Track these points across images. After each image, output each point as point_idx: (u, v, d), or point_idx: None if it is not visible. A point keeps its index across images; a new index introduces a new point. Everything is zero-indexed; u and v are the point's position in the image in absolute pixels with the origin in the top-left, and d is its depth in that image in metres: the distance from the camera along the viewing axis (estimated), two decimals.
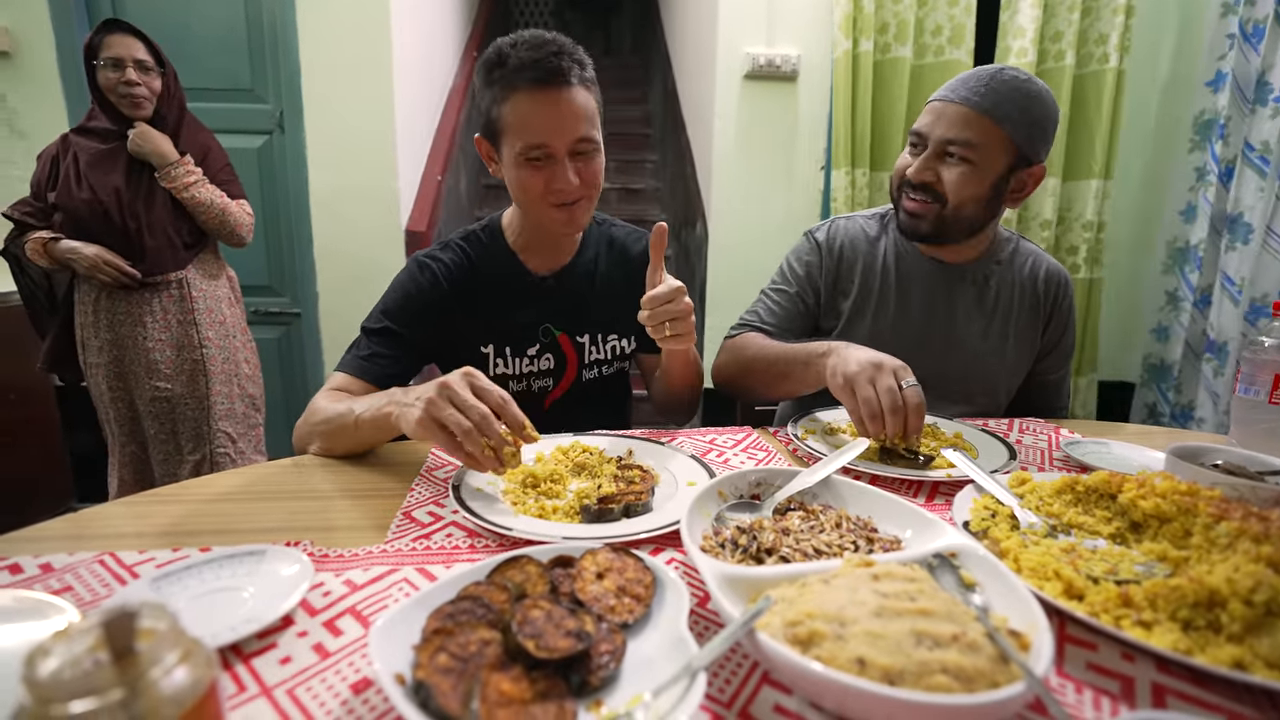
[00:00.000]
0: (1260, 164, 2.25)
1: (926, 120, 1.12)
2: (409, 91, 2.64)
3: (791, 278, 1.29)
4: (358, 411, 0.85)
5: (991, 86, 1.05)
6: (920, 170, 1.11)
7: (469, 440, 0.71)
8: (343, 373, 1.00)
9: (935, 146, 1.10)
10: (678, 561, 0.62)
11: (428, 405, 0.72)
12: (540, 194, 0.99)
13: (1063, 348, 1.29)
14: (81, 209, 1.72)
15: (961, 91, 1.08)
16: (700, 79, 2.77)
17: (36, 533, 0.66)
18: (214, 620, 0.49)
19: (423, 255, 1.10)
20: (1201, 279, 2.44)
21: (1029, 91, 1.06)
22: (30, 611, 0.49)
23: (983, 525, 0.66)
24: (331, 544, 0.64)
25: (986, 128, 1.06)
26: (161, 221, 1.79)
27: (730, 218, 2.53)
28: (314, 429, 0.91)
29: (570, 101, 0.95)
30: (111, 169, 1.74)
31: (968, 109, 1.06)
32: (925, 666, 0.39)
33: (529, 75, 0.92)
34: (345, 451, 0.90)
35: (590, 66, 0.99)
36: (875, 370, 0.89)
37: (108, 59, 1.69)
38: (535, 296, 1.12)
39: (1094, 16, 2.35)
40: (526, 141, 0.95)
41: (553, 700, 0.39)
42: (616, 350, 1.19)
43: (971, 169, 1.08)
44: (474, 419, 0.71)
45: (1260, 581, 0.48)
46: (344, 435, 0.88)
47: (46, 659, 0.29)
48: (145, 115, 1.75)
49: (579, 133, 0.96)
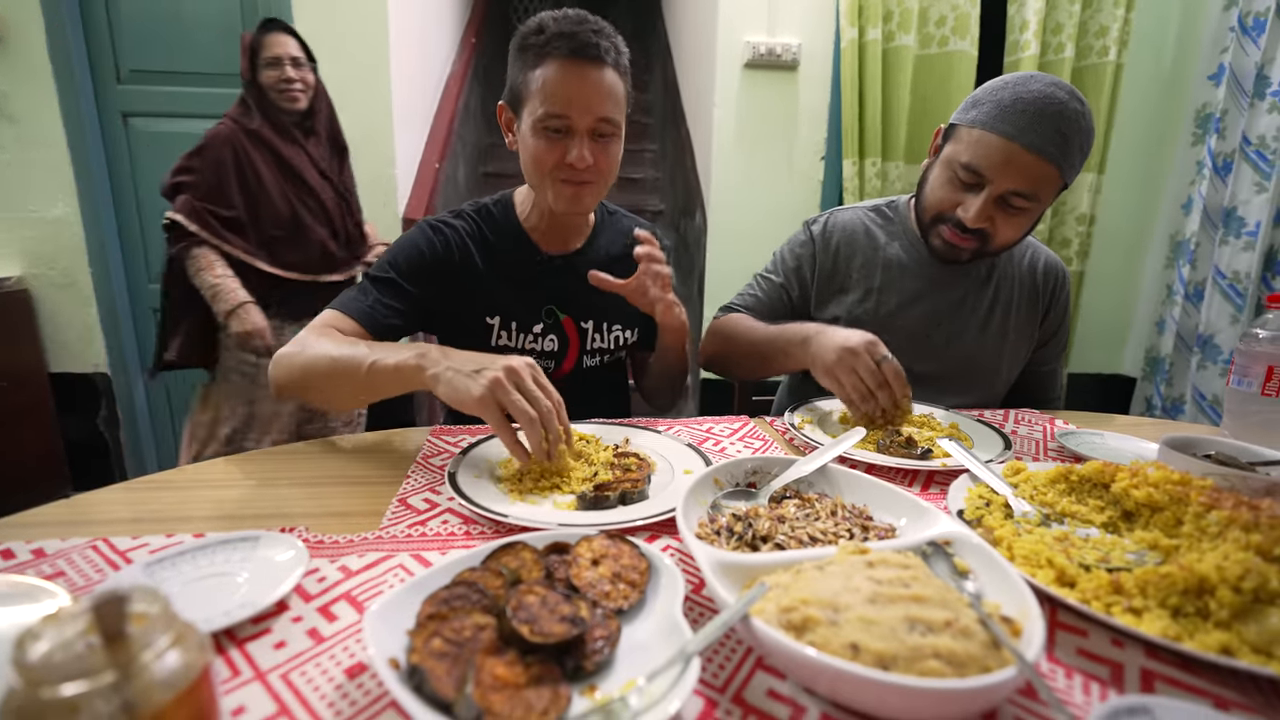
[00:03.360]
0: (1257, 159, 2.24)
1: (989, 161, 1.00)
2: (406, 78, 2.61)
3: (781, 268, 1.30)
4: (374, 357, 0.81)
5: (1065, 134, 0.97)
6: (979, 218, 1.03)
7: (532, 429, 0.71)
8: (338, 312, 0.96)
9: (997, 193, 1.01)
10: (673, 548, 0.62)
11: (493, 385, 0.72)
12: (552, 167, 0.98)
13: (1058, 339, 1.29)
14: (286, 221, 1.80)
15: (1033, 136, 0.97)
16: (700, 68, 2.76)
17: (30, 518, 0.66)
18: (208, 605, 0.49)
19: (435, 220, 1.09)
20: (1194, 273, 2.44)
21: (1089, 130, 0.99)
22: (22, 596, 0.48)
23: (977, 514, 0.66)
24: (327, 530, 0.64)
25: (1053, 178, 1.00)
26: (345, 223, 1.92)
27: (730, 208, 2.52)
28: (308, 366, 0.86)
29: (599, 79, 0.94)
30: (301, 176, 1.83)
31: (1043, 161, 0.97)
32: (918, 652, 0.39)
33: (564, 45, 0.92)
34: (341, 400, 0.86)
35: (626, 56, 0.99)
36: (851, 356, 0.94)
37: (268, 58, 1.76)
38: (543, 276, 1.12)
39: (1094, 9, 2.34)
40: (548, 109, 0.94)
41: (547, 685, 0.40)
42: (619, 340, 1.19)
43: (1026, 215, 1.04)
44: (541, 411, 0.72)
45: (1249, 569, 0.48)
46: (349, 381, 0.83)
47: (37, 642, 0.29)
48: (302, 108, 1.83)
49: (602, 111, 0.95)
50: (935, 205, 1.10)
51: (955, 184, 1.06)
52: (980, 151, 1.01)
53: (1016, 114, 0.98)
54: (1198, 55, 2.42)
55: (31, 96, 2.26)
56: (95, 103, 2.37)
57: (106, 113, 2.39)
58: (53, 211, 2.33)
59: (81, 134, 2.31)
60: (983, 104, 1.02)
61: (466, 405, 0.73)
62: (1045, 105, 0.97)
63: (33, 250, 2.36)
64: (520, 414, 0.71)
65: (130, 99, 2.39)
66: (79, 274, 2.38)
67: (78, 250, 2.37)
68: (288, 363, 0.89)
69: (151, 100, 2.40)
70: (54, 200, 2.32)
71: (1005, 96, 1.00)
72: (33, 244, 2.35)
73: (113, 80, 2.37)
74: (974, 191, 1.04)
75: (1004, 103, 0.99)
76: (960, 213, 1.05)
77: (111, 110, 2.39)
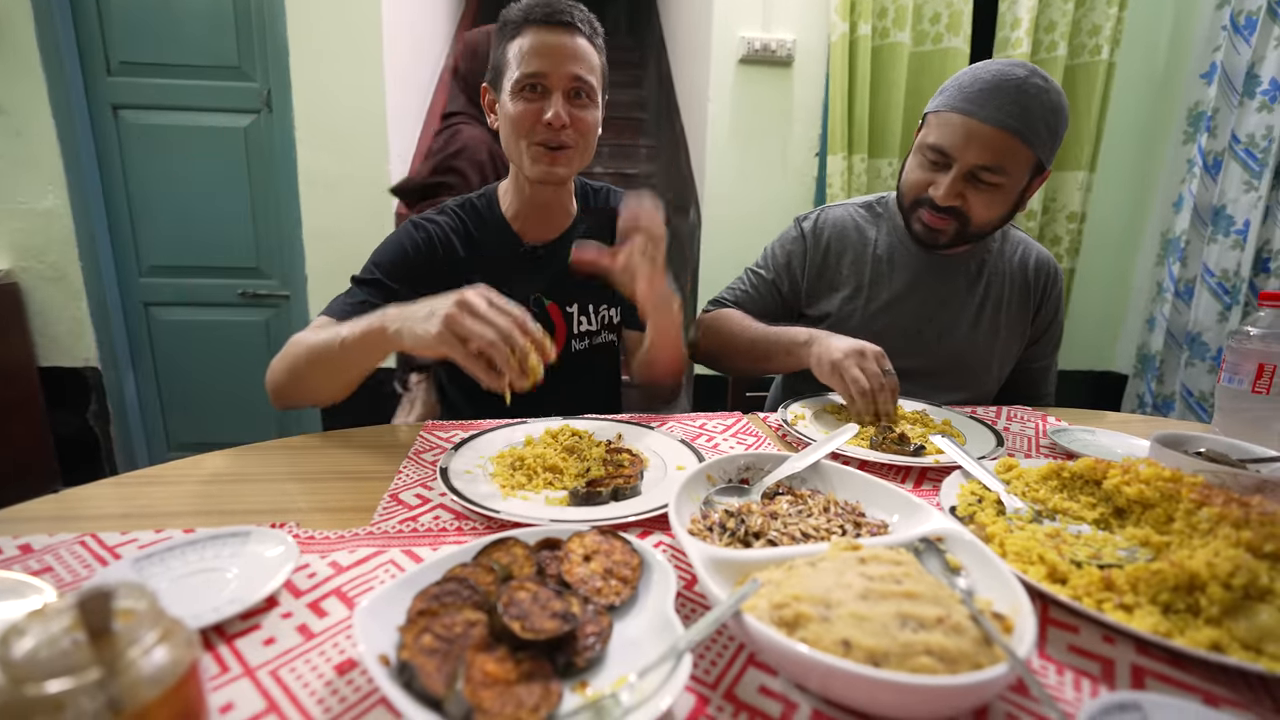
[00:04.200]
0: (1246, 157, 2.26)
1: (953, 139, 1.04)
2: (400, 71, 2.59)
3: (771, 264, 1.31)
4: (344, 333, 0.82)
5: (1023, 105, 0.99)
6: (949, 195, 1.06)
7: (495, 351, 0.70)
8: (324, 316, 0.97)
9: (964, 169, 1.04)
10: (665, 545, 0.62)
11: (446, 319, 0.71)
12: (529, 128, 0.99)
13: (1050, 336, 1.30)
14: None
15: (991, 110, 1.00)
16: (695, 63, 2.75)
17: (18, 513, 0.65)
18: (197, 601, 0.49)
19: (419, 217, 1.09)
20: (1185, 271, 2.45)
21: (1055, 105, 1.01)
22: (8, 592, 0.48)
23: (969, 510, 0.66)
24: (317, 526, 0.63)
25: (1017, 150, 1.02)
26: None
27: (724, 203, 2.51)
28: (294, 362, 0.88)
29: (573, 43, 0.98)
30: None
31: (1001, 132, 1.00)
32: (909, 648, 0.39)
33: (538, 14, 0.97)
34: (326, 386, 0.86)
35: (601, 35, 1.03)
36: (859, 356, 0.97)
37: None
38: (527, 267, 1.12)
39: (1087, 7, 2.35)
40: (524, 70, 0.97)
41: (538, 681, 0.39)
42: (605, 319, 1.19)
43: (999, 192, 1.06)
44: (501, 330, 0.71)
45: (1239, 566, 0.48)
46: (327, 363, 0.85)
47: (22, 639, 0.29)
48: None
49: (577, 70, 0.98)
50: (911, 189, 1.15)
51: (926, 166, 1.10)
52: (944, 131, 1.06)
53: (975, 92, 1.03)
54: (1190, 54, 2.43)
55: (21, 88, 2.23)
56: (85, 95, 2.34)
57: (96, 105, 2.36)
58: (42, 204, 2.30)
59: (71, 126, 2.29)
60: (947, 90, 1.08)
61: (430, 348, 0.73)
62: (1002, 81, 1.01)
63: (22, 243, 2.33)
64: (479, 339, 0.70)
65: (120, 91, 2.36)
66: (69, 267, 2.36)
67: (67, 243, 2.34)
68: (278, 367, 0.91)
69: (142, 92, 2.37)
70: (43, 193, 2.30)
71: (965, 79, 1.06)
72: (22, 237, 2.33)
73: (103, 72, 2.34)
74: (943, 171, 1.08)
75: (964, 84, 1.05)
76: (931, 191, 1.09)
77: (101, 102, 2.36)
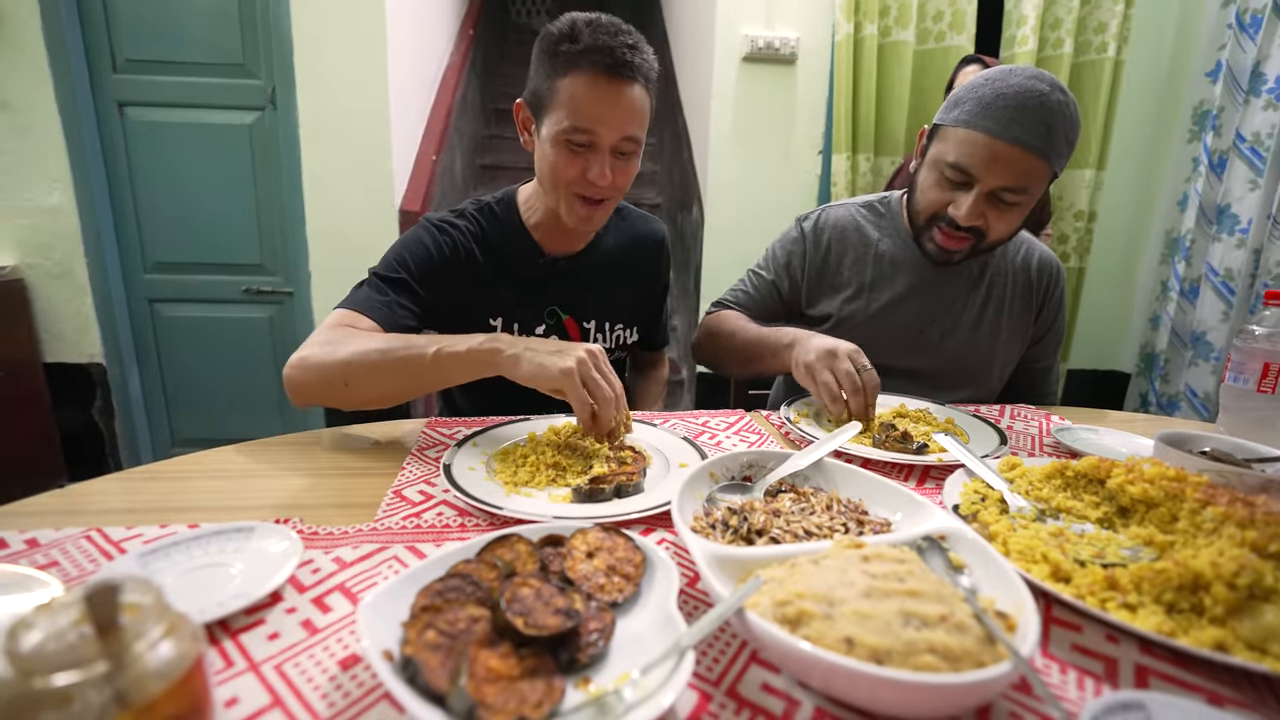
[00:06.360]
0: (1251, 155, 2.25)
1: (976, 160, 1.00)
2: (404, 69, 2.60)
3: (772, 264, 1.30)
4: (439, 345, 0.81)
5: (1048, 124, 0.96)
6: (971, 216, 1.03)
7: (607, 408, 0.78)
8: (355, 311, 0.93)
9: (987, 189, 1.01)
10: (668, 542, 0.62)
11: (579, 364, 0.77)
12: (570, 181, 0.97)
13: (1053, 335, 1.29)
14: None
15: (1016, 130, 0.96)
16: (698, 61, 2.74)
17: (24, 508, 0.65)
18: (202, 596, 0.49)
19: (438, 219, 1.07)
20: (1189, 270, 2.45)
21: (1074, 119, 0.99)
22: (15, 586, 0.48)
23: (972, 509, 0.66)
24: (321, 521, 0.64)
25: (1040, 169, 0.99)
26: None
27: (727, 202, 2.51)
28: (350, 361, 0.83)
29: (630, 98, 0.93)
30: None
31: (1027, 154, 0.97)
32: (912, 646, 0.39)
33: (598, 60, 0.89)
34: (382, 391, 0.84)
35: (656, 71, 0.97)
36: (831, 357, 0.95)
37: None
38: (546, 278, 1.11)
39: (1093, 4, 2.34)
40: (574, 123, 0.92)
41: (541, 677, 0.40)
42: (621, 340, 1.19)
43: (1018, 209, 1.04)
44: (617, 391, 0.80)
45: (1244, 565, 0.48)
46: (401, 371, 0.82)
47: (30, 632, 0.29)
48: None
49: (628, 130, 0.94)
50: (928, 207, 1.10)
51: (944, 184, 1.06)
52: (966, 150, 1.01)
53: (999, 110, 0.97)
54: (1196, 52, 2.42)
55: (27, 85, 2.24)
56: (91, 92, 2.35)
57: (102, 102, 2.37)
58: (48, 201, 2.31)
59: (77, 123, 2.29)
60: (964, 102, 1.02)
61: (551, 380, 0.78)
62: (1027, 99, 0.96)
63: (28, 239, 2.34)
64: (599, 392, 0.78)
65: (126, 88, 2.37)
66: (74, 263, 2.37)
67: (73, 240, 2.35)
68: (318, 362, 0.85)
69: (147, 90, 2.38)
70: (49, 189, 2.30)
71: (986, 93, 0.99)
72: (28, 233, 2.34)
73: (109, 69, 2.35)
74: (963, 190, 1.04)
75: (985, 99, 0.99)
76: (951, 211, 1.05)
77: (107, 99, 2.37)
